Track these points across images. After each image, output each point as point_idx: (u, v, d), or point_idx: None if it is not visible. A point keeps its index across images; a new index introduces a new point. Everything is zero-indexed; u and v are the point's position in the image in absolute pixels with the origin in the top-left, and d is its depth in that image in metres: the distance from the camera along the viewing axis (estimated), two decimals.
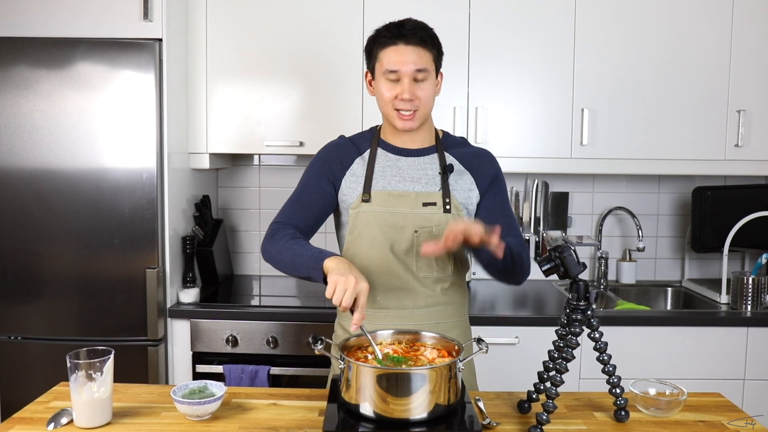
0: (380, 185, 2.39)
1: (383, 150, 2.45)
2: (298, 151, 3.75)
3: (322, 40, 3.70)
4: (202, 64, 3.72)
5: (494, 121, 3.72)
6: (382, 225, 2.36)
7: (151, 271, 3.37)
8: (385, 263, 2.36)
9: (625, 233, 4.34)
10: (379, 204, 2.36)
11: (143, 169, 3.34)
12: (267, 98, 3.73)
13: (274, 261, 2.28)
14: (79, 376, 1.91)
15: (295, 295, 3.94)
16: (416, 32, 2.29)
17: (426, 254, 2.09)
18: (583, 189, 4.31)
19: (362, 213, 2.37)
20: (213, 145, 3.76)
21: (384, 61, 2.30)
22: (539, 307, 3.72)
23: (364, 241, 2.38)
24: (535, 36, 3.69)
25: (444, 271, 2.42)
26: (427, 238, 2.34)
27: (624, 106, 3.71)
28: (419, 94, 2.29)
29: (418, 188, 2.38)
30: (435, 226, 2.35)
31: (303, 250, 2.19)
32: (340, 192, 2.43)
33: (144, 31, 3.37)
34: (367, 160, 2.43)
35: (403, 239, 2.36)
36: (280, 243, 2.26)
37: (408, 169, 2.41)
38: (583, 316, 1.96)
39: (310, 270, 2.13)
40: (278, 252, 2.25)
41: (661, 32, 3.69)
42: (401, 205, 2.36)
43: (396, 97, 2.30)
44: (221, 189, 4.37)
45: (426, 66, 2.29)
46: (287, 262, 2.22)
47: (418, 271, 2.38)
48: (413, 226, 2.35)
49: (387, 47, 2.30)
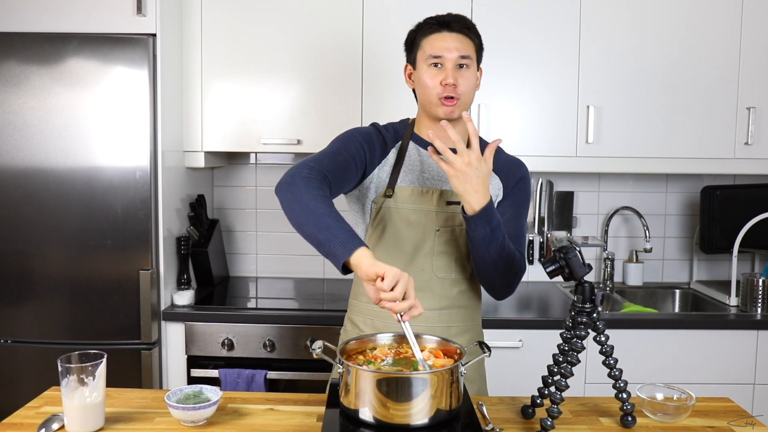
0: (407, 180, 2.39)
1: (415, 144, 2.45)
2: (295, 149, 3.74)
3: (320, 35, 3.70)
4: (197, 59, 3.72)
5: (497, 118, 3.72)
6: (404, 221, 2.37)
7: (145, 273, 3.37)
8: (403, 261, 2.37)
9: (631, 234, 4.34)
10: (402, 200, 2.37)
11: (136, 167, 3.34)
12: (264, 95, 3.73)
13: (297, 202, 2.03)
14: (71, 380, 1.91)
15: (293, 297, 3.94)
16: (460, 21, 2.34)
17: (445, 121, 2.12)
18: (588, 188, 4.31)
19: (385, 208, 2.39)
20: (208, 143, 3.76)
21: (427, 48, 2.32)
22: (543, 309, 3.72)
23: (386, 236, 2.39)
24: (540, 30, 3.69)
25: (463, 272, 2.43)
26: (448, 238, 2.36)
27: (631, 103, 3.71)
28: (461, 81, 2.30)
29: (443, 186, 2.39)
30: (458, 225, 2.36)
31: (340, 219, 1.99)
32: (368, 179, 2.41)
33: (137, 25, 3.37)
34: (397, 154, 2.44)
35: (423, 237, 2.37)
36: (316, 191, 2.06)
37: (435, 166, 2.41)
38: (589, 319, 1.96)
39: (337, 242, 1.93)
40: (311, 198, 2.03)
41: (669, 27, 3.69)
42: (425, 202, 2.37)
43: (440, 83, 2.30)
44: (217, 188, 4.38)
45: (469, 53, 2.32)
46: (316, 214, 1.98)
47: (436, 270, 2.39)
48: (435, 224, 2.36)
49: (431, 34, 2.33)
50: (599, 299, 1.93)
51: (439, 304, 2.40)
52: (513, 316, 3.47)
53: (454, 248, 2.39)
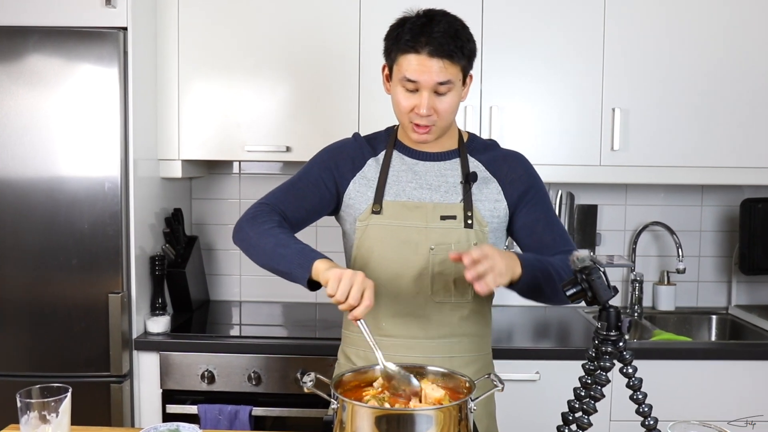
0: (393, 193, 2.40)
1: (399, 153, 2.47)
2: (284, 158, 3.76)
3: (313, 30, 3.70)
4: (174, 56, 3.73)
5: (511, 122, 3.72)
6: (394, 240, 2.36)
7: (115, 297, 3.36)
8: (395, 284, 2.37)
9: (662, 252, 4.35)
10: (390, 216, 2.37)
11: (105, 178, 3.35)
12: (249, 96, 3.73)
13: (249, 245, 2.31)
14: (32, 417, 1.91)
15: (282, 324, 3.94)
16: (444, 43, 2.24)
17: (480, 291, 2.07)
18: (614, 201, 4.32)
19: (371, 226, 2.38)
20: (186, 150, 3.76)
21: (403, 67, 2.28)
22: (563, 337, 3.72)
23: (374, 257, 2.39)
24: (559, 22, 3.69)
25: (464, 295, 2.40)
26: (445, 257, 2.35)
27: (662, 105, 3.71)
28: (439, 108, 2.29)
29: (437, 198, 2.39)
30: (454, 243, 2.36)
31: (290, 242, 2.23)
32: (346, 196, 2.44)
33: (106, 18, 3.38)
34: (381, 163, 2.45)
35: (416, 257, 2.36)
36: (262, 227, 2.29)
37: (426, 176, 2.42)
38: (615, 349, 1.96)
39: (294, 266, 2.16)
40: (258, 236, 2.28)
41: (707, 20, 3.69)
42: (416, 217, 2.37)
43: (412, 109, 2.30)
44: (196, 201, 4.38)
45: (450, 78, 2.27)
46: (267, 250, 2.24)
47: (433, 294, 2.38)
48: (428, 242, 2.35)
49: (407, 54, 2.27)
50: (626, 326, 1.93)
51: (437, 332, 2.39)
52: (528, 345, 3.47)
53: (452, 268, 2.36)
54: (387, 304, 2.36)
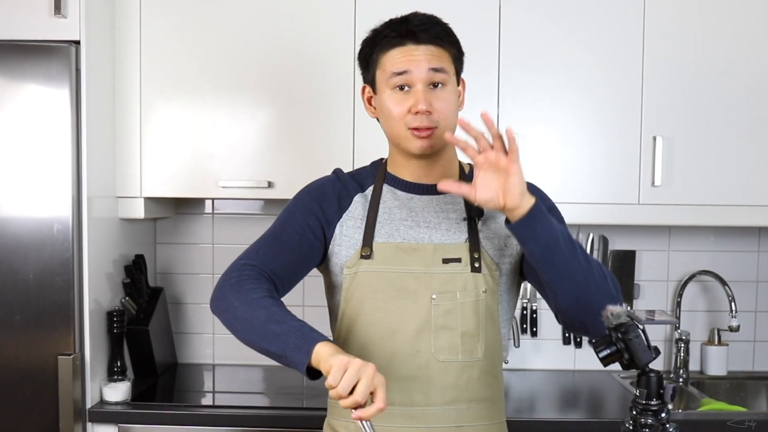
0: (385, 234, 2.39)
1: (390, 186, 2.46)
2: (265, 195, 3.75)
3: (299, 45, 3.71)
4: (135, 75, 3.72)
5: (532, 152, 3.70)
6: (388, 289, 2.35)
7: (65, 359, 3.34)
8: (390, 342, 2.35)
9: (712, 307, 4.33)
10: (383, 261, 2.36)
11: (54, 219, 3.34)
12: (223, 123, 3.73)
13: (234, 318, 2.23)
14: None
15: (262, 392, 3.94)
16: (428, 28, 2.30)
17: (442, 188, 2.11)
18: (655, 246, 4.32)
19: (361, 274, 2.37)
20: (149, 186, 3.75)
21: (388, 65, 2.31)
22: (595, 407, 3.71)
23: (365, 310, 2.37)
24: (589, 34, 3.70)
25: (472, 354, 2.38)
26: (449, 307, 2.33)
27: (712, 133, 3.70)
28: (437, 105, 2.29)
29: (437, 238, 2.38)
30: (460, 290, 2.34)
31: (285, 317, 2.15)
32: (333, 241, 2.43)
33: (55, 30, 3.38)
34: (369, 200, 2.44)
35: (415, 309, 2.34)
36: (250, 295, 2.23)
37: (423, 212, 2.42)
38: (656, 420, 1.95)
39: (290, 348, 2.08)
40: (246, 307, 2.21)
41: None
42: (413, 261, 2.35)
43: (408, 111, 2.29)
44: (161, 246, 4.38)
45: (443, 66, 2.30)
46: (256, 326, 2.16)
47: (436, 353, 2.35)
48: (429, 290, 2.34)
49: (391, 49, 2.31)
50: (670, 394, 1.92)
51: (442, 397, 2.36)
52: (554, 416, 3.46)
53: (458, 320, 2.35)
54: (382, 366, 2.30)
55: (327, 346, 2.03)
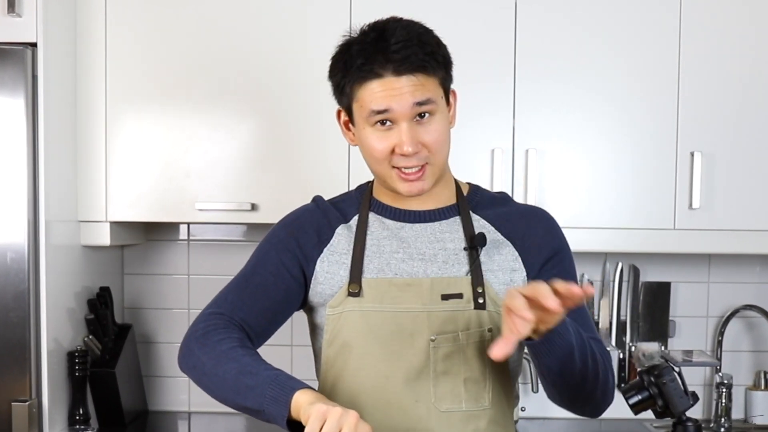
0: (375, 268, 2.36)
1: (377, 215, 2.44)
2: (248, 219, 3.75)
3: (286, 49, 3.70)
4: (100, 83, 3.71)
5: (552, 170, 3.70)
6: (380, 331, 2.32)
7: (20, 406, 3.34)
8: (384, 391, 2.32)
9: (758, 347, 4.32)
10: (374, 299, 2.33)
11: (7, 246, 3.34)
12: (200, 137, 3.72)
13: (203, 374, 2.24)
14: None
15: None
16: (408, 55, 2.21)
17: (497, 358, 2.01)
18: (693, 278, 4.31)
19: (348, 314, 2.34)
20: (116, 209, 3.74)
21: (366, 100, 2.25)
22: None
23: (353, 356, 2.34)
24: (617, 40, 3.69)
25: (478, 402, 2.35)
26: (450, 350, 2.30)
27: (757, 149, 3.70)
28: (426, 139, 2.25)
29: (434, 271, 2.35)
30: (462, 330, 2.31)
31: (258, 367, 2.14)
32: (313, 280, 2.40)
33: (8, 30, 3.39)
34: (355, 231, 2.41)
35: (412, 352, 2.31)
36: (218, 348, 2.22)
37: (416, 242, 2.39)
38: None
39: (267, 400, 2.06)
40: (214, 361, 2.20)
41: None
42: (408, 299, 2.32)
43: (392, 150, 2.25)
44: (129, 278, 4.37)
45: (430, 96, 2.24)
46: (228, 381, 2.15)
47: (437, 402, 2.32)
48: (428, 331, 2.31)
49: (366, 82, 2.24)
50: None
51: None
52: None
53: (461, 365, 2.33)
54: (376, 417, 2.28)
55: (306, 394, 2.02)
